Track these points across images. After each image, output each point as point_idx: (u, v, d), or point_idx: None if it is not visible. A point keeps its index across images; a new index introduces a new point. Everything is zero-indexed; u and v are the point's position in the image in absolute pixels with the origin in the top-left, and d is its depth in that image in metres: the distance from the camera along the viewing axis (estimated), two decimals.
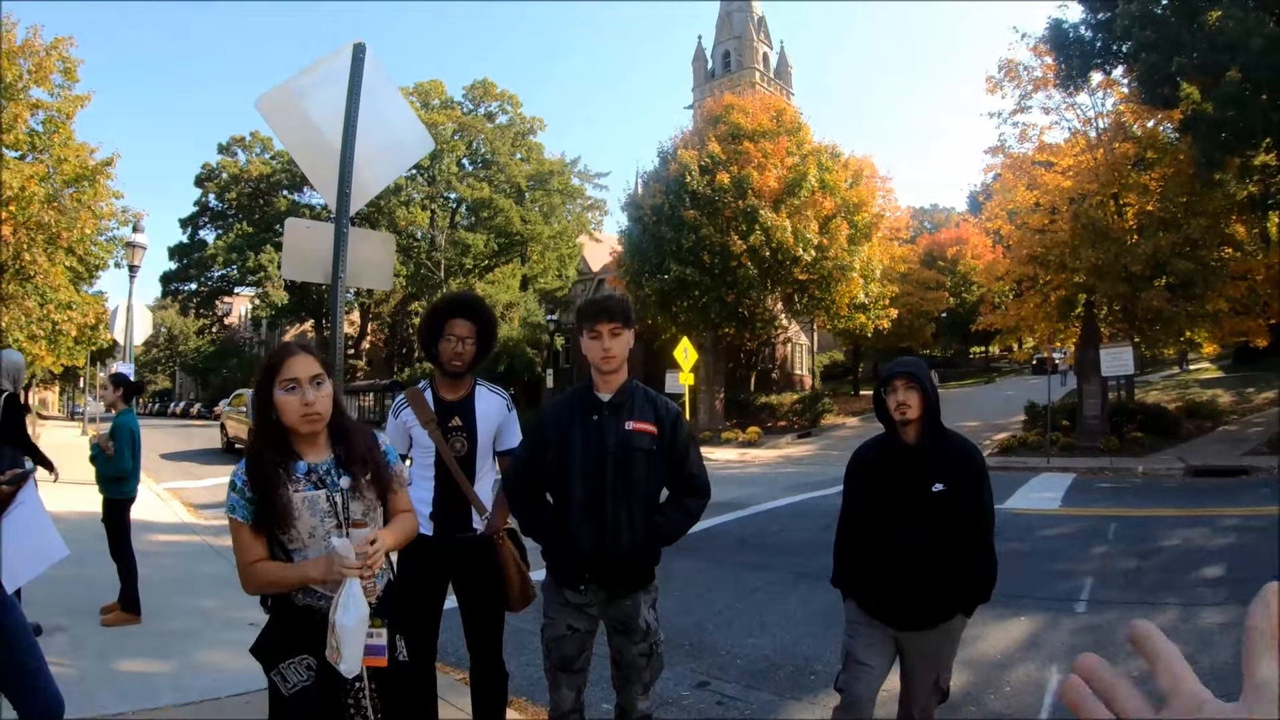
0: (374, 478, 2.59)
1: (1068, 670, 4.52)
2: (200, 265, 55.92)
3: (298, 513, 2.49)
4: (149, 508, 11.41)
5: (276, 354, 2.58)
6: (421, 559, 3.50)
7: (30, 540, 3.15)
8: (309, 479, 2.54)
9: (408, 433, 3.72)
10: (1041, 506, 12.07)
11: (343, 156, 4.53)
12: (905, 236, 43.51)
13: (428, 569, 3.57)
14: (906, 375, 3.35)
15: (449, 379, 3.73)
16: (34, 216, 18.60)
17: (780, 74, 63.28)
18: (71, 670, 5.01)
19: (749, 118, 31.98)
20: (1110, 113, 22.37)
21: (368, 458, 2.60)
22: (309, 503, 2.51)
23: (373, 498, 2.59)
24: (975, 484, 3.35)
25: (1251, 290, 20.47)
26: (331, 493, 2.54)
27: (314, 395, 2.50)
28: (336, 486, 2.55)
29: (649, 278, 30.70)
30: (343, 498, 2.54)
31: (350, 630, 2.37)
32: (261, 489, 2.47)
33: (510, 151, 52.80)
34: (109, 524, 6.49)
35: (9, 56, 18.89)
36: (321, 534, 2.49)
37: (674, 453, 3.29)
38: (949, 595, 3.33)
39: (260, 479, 2.48)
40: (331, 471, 2.57)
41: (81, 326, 20.86)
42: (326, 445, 2.61)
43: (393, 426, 3.75)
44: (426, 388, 3.78)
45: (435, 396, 3.74)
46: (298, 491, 2.50)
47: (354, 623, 2.37)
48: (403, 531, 2.69)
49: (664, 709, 4.85)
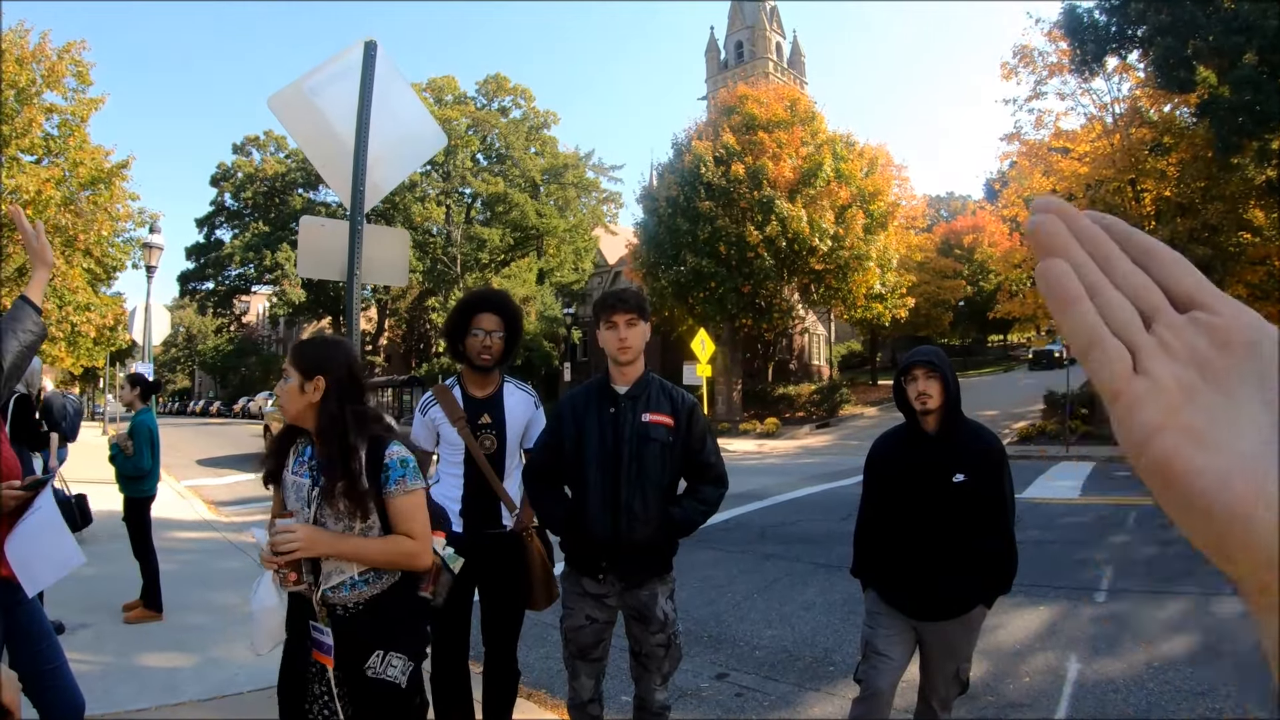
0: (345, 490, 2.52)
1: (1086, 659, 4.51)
2: (217, 264, 56.12)
3: (286, 491, 2.66)
4: (169, 505, 11.50)
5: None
6: None
7: (48, 546, 3.17)
8: (309, 465, 2.64)
9: (435, 430, 3.70)
10: (1061, 495, 12.03)
11: (356, 154, 4.53)
12: (922, 225, 43.26)
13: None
14: (927, 364, 3.33)
15: (478, 374, 3.70)
16: (51, 220, 18.73)
17: (793, 63, 62.95)
18: (94, 667, 5.06)
19: (763, 108, 31.81)
20: (1126, 98, 22.20)
21: (335, 465, 2.55)
22: (295, 486, 2.64)
23: (345, 507, 2.53)
24: (996, 474, 3.33)
25: (1270, 275, 20.29)
26: (315, 484, 2.59)
27: (280, 387, 2.66)
28: (319, 480, 2.59)
29: (665, 269, 30.65)
30: (318, 494, 2.58)
31: (255, 615, 2.57)
32: (270, 454, 2.75)
33: (524, 146, 52.73)
34: (130, 522, 6.55)
35: (21, 63, 19.00)
36: (302, 518, 2.57)
37: (690, 444, 3.29)
38: (969, 586, 3.32)
39: (272, 447, 2.76)
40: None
41: (100, 328, 20.98)
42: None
43: (420, 424, 3.74)
44: (455, 385, 3.76)
45: (464, 393, 3.72)
46: (293, 473, 2.66)
47: (257, 608, 2.57)
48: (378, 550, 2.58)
49: (683, 700, 4.86)
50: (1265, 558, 0.36)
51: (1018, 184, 25.44)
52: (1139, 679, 4.95)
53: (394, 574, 2.66)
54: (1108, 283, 0.44)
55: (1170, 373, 0.41)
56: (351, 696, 2.59)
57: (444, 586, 2.82)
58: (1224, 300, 0.42)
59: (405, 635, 2.68)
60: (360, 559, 2.58)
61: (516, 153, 51.76)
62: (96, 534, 7.91)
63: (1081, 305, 0.43)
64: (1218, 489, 0.37)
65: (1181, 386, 0.40)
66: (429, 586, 2.76)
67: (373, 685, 2.57)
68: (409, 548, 2.60)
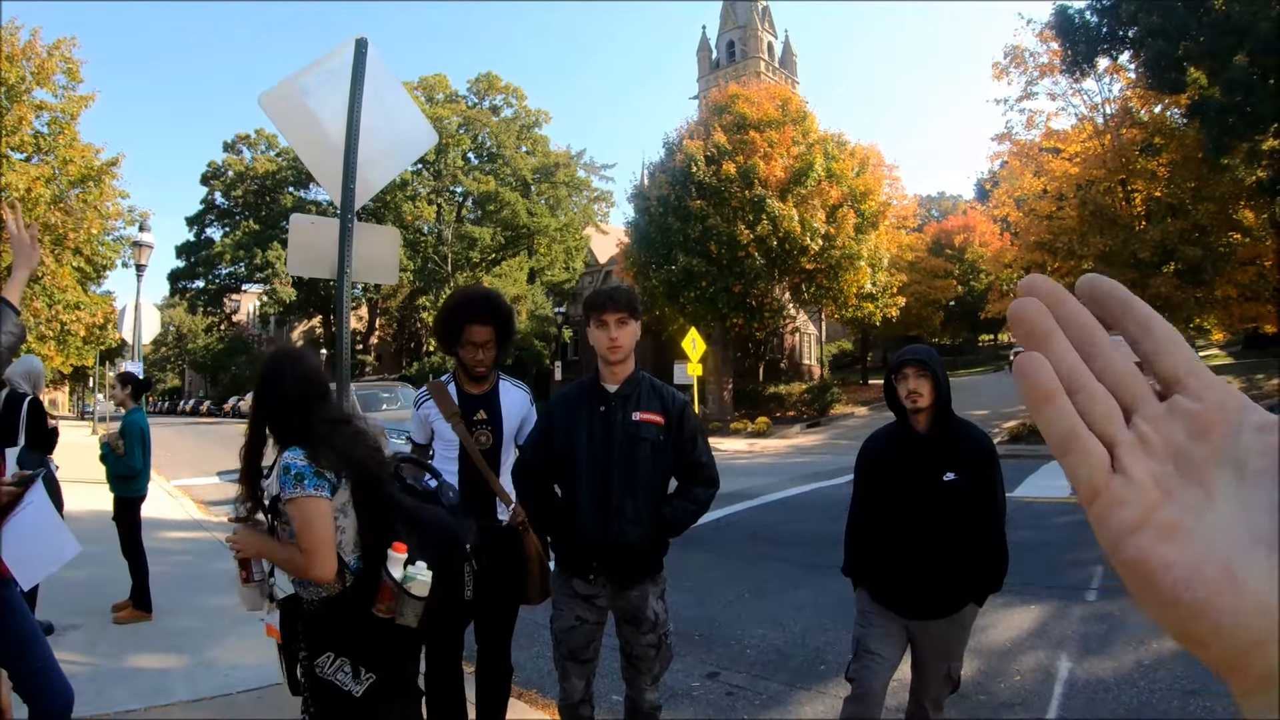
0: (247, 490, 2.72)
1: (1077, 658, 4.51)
2: (208, 263, 55.94)
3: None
4: (159, 505, 11.46)
5: None
6: None
7: (40, 540, 3.18)
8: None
9: (430, 425, 3.73)
10: (1052, 494, 12.03)
11: (346, 152, 4.52)
12: (913, 225, 43.27)
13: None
14: (918, 363, 3.33)
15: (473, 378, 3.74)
16: (40, 218, 18.66)
17: (785, 63, 62.94)
18: (84, 668, 5.04)
19: (754, 107, 31.85)
20: (1117, 98, 22.31)
21: (242, 466, 2.68)
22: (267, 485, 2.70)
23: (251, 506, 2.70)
24: (987, 473, 3.33)
25: (1260, 276, 20.39)
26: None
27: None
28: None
29: (656, 269, 30.69)
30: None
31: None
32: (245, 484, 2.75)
33: (515, 145, 52.65)
34: (120, 522, 6.53)
35: (11, 60, 18.93)
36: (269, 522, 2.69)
37: (681, 443, 3.28)
38: (960, 584, 3.32)
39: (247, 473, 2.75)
40: None
41: (90, 326, 20.94)
42: None
43: (414, 418, 3.78)
44: (450, 380, 3.78)
45: (460, 390, 3.74)
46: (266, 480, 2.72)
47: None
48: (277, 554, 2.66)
49: (674, 700, 4.86)
50: (1235, 644, 0.36)
51: (1009, 184, 25.56)
52: (1130, 678, 4.96)
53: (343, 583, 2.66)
54: (1089, 373, 0.43)
55: (1147, 470, 0.41)
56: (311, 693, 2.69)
57: (410, 608, 2.66)
58: (1209, 385, 0.42)
59: (359, 645, 2.67)
60: (273, 560, 2.70)
61: (508, 151, 51.67)
62: (86, 534, 7.88)
63: (1058, 403, 0.42)
64: (1187, 581, 0.37)
65: (1158, 484, 0.40)
66: (380, 605, 2.65)
67: (322, 684, 2.63)
68: (294, 556, 2.59)
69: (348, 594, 2.65)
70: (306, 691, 2.67)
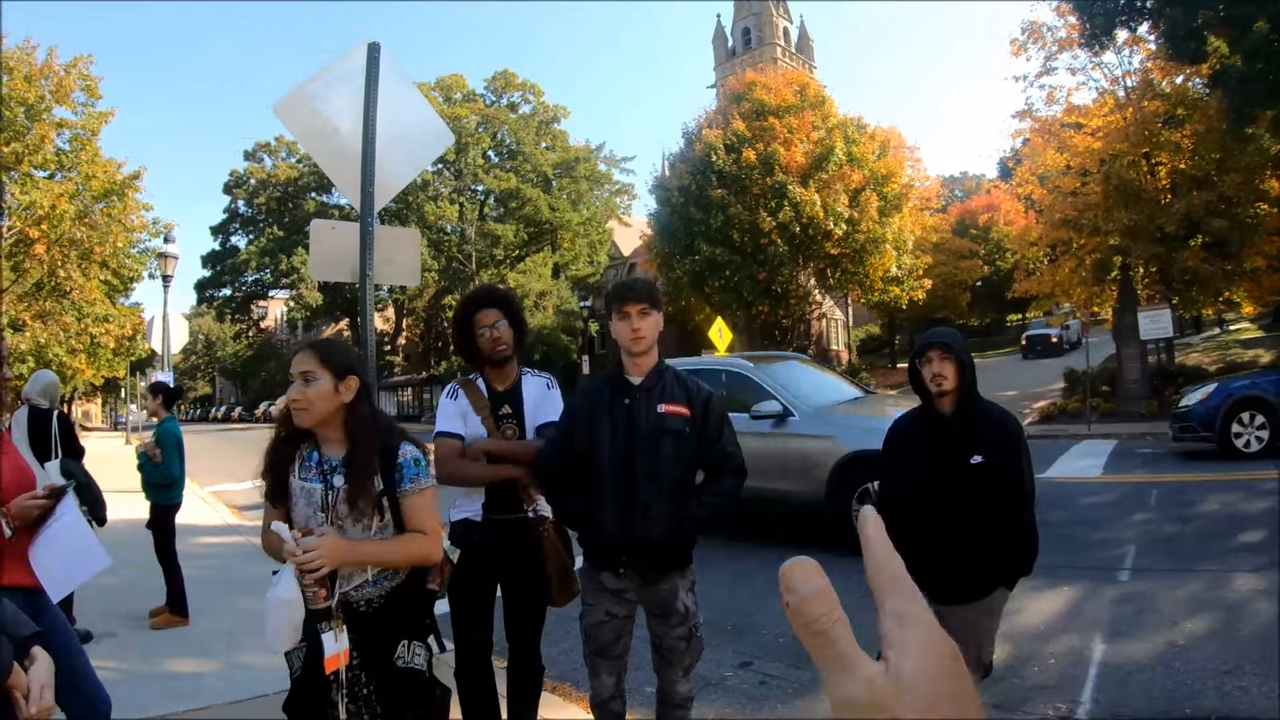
0: (371, 489, 2.58)
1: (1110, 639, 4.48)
2: (233, 271, 56.50)
3: (294, 498, 2.64)
4: (193, 511, 11.57)
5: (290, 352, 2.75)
6: (472, 546, 3.52)
7: (71, 551, 3.22)
8: (319, 469, 2.63)
9: (465, 415, 3.73)
10: (1083, 474, 11.94)
11: (363, 156, 4.54)
12: (936, 206, 43.00)
13: (479, 555, 3.56)
14: (941, 345, 3.33)
15: (497, 368, 3.73)
16: (66, 234, 18.90)
17: (801, 48, 62.59)
18: (120, 674, 5.10)
19: (772, 93, 31.76)
20: (1138, 70, 21.91)
21: (366, 465, 2.58)
22: (305, 492, 2.63)
23: (365, 505, 2.56)
24: (1014, 454, 3.31)
25: None
26: (328, 488, 2.60)
27: (301, 390, 2.57)
28: (332, 484, 2.60)
29: (680, 259, 30.71)
30: (333, 495, 2.59)
31: (270, 606, 2.50)
32: (269, 469, 2.69)
33: (535, 141, 52.78)
34: (155, 529, 6.62)
35: (30, 79, 19.14)
36: (316, 523, 2.57)
37: (706, 434, 3.26)
38: (990, 568, 3.31)
39: (271, 460, 2.70)
40: (339, 468, 2.61)
41: (119, 338, 21.22)
42: (344, 441, 2.65)
43: (453, 409, 3.71)
44: (478, 377, 3.78)
45: (488, 386, 3.74)
46: (301, 480, 2.65)
47: (272, 602, 2.49)
48: (395, 552, 2.64)
49: (707, 689, 4.85)
50: None
51: (1031, 161, 25.20)
52: (1163, 658, 4.91)
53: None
54: None
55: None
56: (379, 692, 2.63)
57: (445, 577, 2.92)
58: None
59: (422, 625, 2.75)
60: (382, 563, 2.63)
61: (527, 148, 51.82)
62: (122, 542, 7.98)
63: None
64: None
65: None
66: (436, 579, 2.84)
67: (403, 675, 2.63)
68: (423, 545, 2.65)
69: (417, 574, 2.75)
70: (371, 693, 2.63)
